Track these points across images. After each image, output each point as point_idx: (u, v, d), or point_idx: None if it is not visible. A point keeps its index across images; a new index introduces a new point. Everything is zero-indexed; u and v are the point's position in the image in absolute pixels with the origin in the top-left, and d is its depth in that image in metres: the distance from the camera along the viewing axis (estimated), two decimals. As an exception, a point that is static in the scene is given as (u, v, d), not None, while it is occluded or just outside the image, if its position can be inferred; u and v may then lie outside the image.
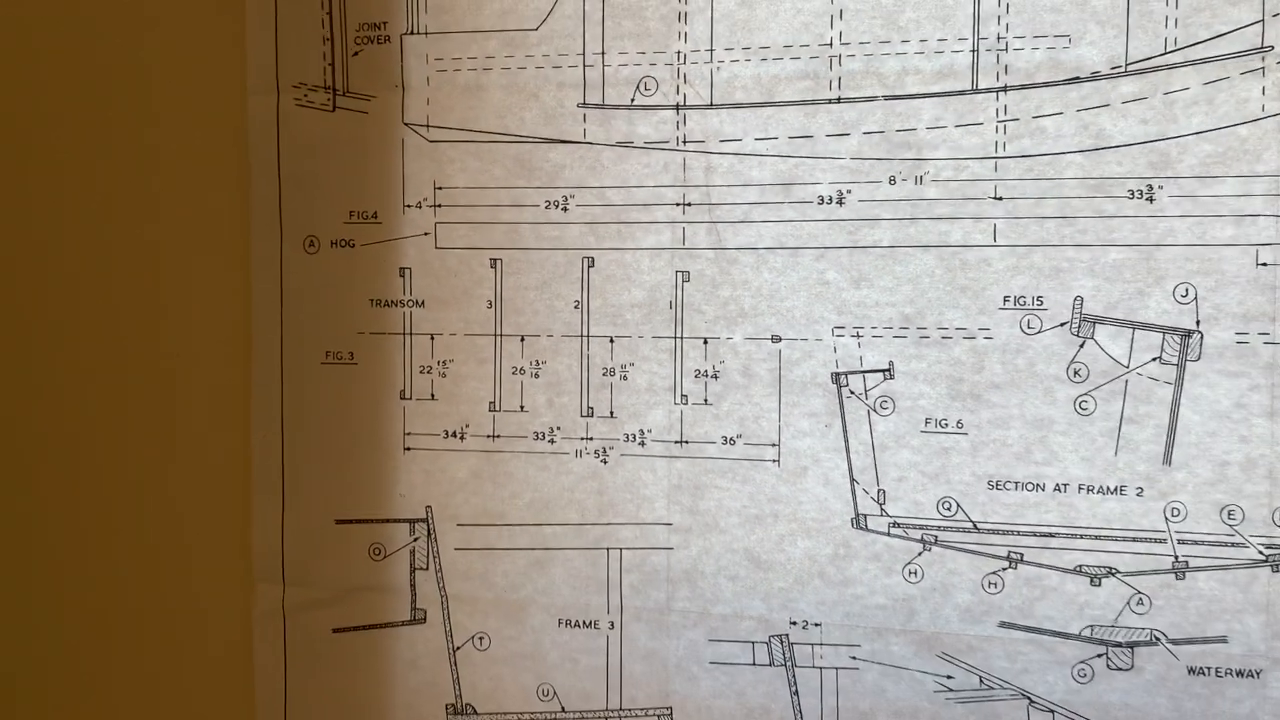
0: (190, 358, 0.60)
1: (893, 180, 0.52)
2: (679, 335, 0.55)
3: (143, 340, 0.60)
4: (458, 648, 0.57)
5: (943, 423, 0.52)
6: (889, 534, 0.53)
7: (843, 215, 0.54)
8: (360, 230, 0.57)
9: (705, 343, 0.55)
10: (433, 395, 0.57)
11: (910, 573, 0.53)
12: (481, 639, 0.57)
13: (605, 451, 0.56)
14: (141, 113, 0.59)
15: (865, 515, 0.54)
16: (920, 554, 0.53)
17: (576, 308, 0.55)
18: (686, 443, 0.55)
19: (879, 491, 0.53)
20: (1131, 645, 0.52)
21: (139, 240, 0.60)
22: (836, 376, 0.54)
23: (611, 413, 0.55)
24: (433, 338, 0.57)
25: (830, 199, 0.52)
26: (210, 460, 0.60)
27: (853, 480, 0.55)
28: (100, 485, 0.61)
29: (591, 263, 0.56)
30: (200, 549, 0.60)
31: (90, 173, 0.60)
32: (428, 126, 0.56)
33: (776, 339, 0.55)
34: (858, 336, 0.54)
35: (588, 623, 0.56)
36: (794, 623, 0.54)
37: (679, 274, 0.55)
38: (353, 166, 0.56)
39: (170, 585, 0.61)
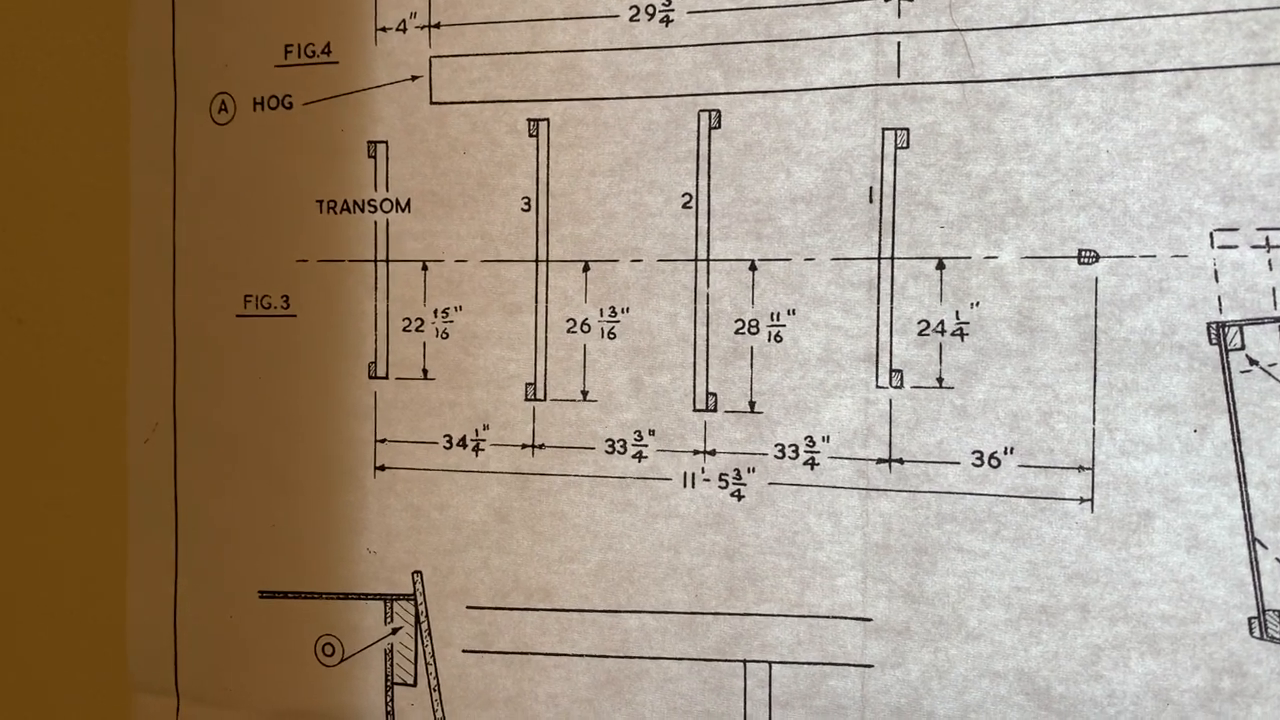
0: (28, 303, 0.43)
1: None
2: (886, 254, 0.34)
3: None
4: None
5: None
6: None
7: None
8: (302, 78, 0.39)
9: (940, 267, 0.34)
10: (425, 372, 0.38)
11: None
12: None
13: (740, 477, 0.36)
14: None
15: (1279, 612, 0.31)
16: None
17: (686, 207, 0.36)
18: (900, 462, 0.34)
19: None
20: None
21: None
22: (1219, 329, 0.31)
23: (752, 405, 0.36)
24: (425, 267, 0.38)
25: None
26: (56, 484, 0.44)
27: (1253, 541, 0.31)
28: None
29: (716, 119, 0.35)
30: (41, 634, 0.44)
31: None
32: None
33: (1089, 256, 0.32)
34: (1267, 246, 0.31)
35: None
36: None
37: (887, 134, 0.34)
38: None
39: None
